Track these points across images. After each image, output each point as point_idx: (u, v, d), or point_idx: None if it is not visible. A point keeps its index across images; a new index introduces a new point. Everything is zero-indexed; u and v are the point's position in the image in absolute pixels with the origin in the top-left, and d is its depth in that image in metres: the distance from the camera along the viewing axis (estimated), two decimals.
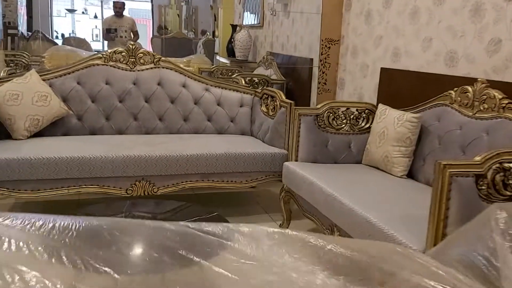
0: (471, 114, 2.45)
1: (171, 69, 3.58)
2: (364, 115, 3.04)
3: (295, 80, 4.87)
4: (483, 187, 1.75)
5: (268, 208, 3.41)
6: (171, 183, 2.97)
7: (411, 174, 2.67)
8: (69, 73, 3.36)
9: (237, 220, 3.12)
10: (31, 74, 3.21)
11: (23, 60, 5.29)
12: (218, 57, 7.57)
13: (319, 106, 3.01)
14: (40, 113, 3.08)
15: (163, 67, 3.57)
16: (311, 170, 2.68)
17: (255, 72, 5.69)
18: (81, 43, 7.12)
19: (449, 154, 2.45)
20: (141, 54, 3.53)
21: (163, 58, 3.58)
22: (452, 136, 2.50)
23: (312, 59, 4.57)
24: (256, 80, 4.81)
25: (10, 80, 3.13)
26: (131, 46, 3.51)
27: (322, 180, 2.50)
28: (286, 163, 2.92)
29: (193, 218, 2.17)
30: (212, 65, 6.34)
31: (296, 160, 2.94)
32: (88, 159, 2.77)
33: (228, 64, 6.54)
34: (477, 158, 1.77)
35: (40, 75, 3.26)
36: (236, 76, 4.58)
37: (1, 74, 3.67)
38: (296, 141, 2.94)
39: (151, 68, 3.54)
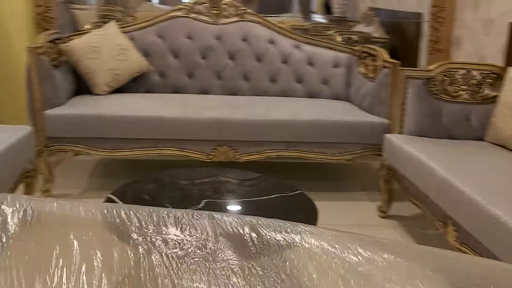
0: None
1: (257, 23, 3.20)
2: (489, 80, 2.47)
3: (400, 39, 4.28)
4: None
5: (365, 185, 2.98)
6: (254, 150, 2.66)
7: None
8: (149, 26, 3.12)
9: (326, 198, 2.76)
10: (110, 25, 3.01)
11: (116, 16, 5.21)
12: (314, 15, 7.06)
13: (431, 67, 2.49)
14: (120, 68, 2.88)
15: (248, 21, 3.20)
16: (420, 146, 2.21)
17: (353, 30, 5.15)
18: (177, 3, 6.93)
19: None
20: (225, 6, 3.18)
21: (248, 11, 3.21)
22: None
23: (421, 14, 3.95)
24: (355, 38, 4.29)
25: (89, 32, 2.95)
26: None
27: (435, 160, 2.03)
28: (388, 135, 2.46)
29: (271, 196, 1.84)
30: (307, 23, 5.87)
31: (401, 133, 2.48)
32: (167, 119, 2.54)
33: (324, 22, 6.03)
34: None
35: (120, 27, 3.05)
36: (331, 33, 4.10)
37: (87, 26, 3.51)
38: (401, 109, 2.47)
39: (236, 21, 3.19)
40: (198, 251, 0.83)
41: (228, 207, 1.72)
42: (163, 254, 0.81)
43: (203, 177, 1.98)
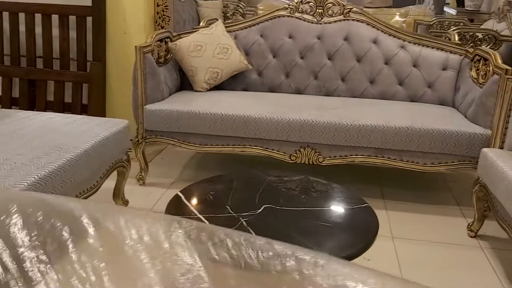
0: None
1: (362, 22, 3.10)
2: None
3: None
4: None
5: (462, 200, 2.72)
6: (338, 154, 2.60)
7: None
8: (254, 25, 3.21)
9: (412, 209, 2.60)
10: (216, 25, 3.17)
11: (239, 10, 5.46)
12: (446, 8, 6.55)
13: None
14: (220, 66, 3.02)
15: (353, 19, 3.11)
16: None
17: (484, 26, 4.67)
18: None
19: None
20: (330, 4, 3.13)
21: (354, 9, 3.12)
22: None
23: None
24: (480, 36, 3.91)
25: (197, 30, 3.14)
26: None
27: None
28: (484, 149, 2.22)
29: (333, 207, 1.80)
30: (437, 17, 5.47)
31: (502, 148, 2.23)
32: (252, 119, 2.61)
33: (453, 16, 5.57)
34: None
35: (226, 26, 3.19)
36: (453, 30, 3.78)
37: (202, 24, 3.73)
38: (504, 121, 2.21)
39: (340, 20, 3.12)
40: None
41: (285, 215, 1.72)
42: None
43: (272, 181, 2.01)
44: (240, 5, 5.49)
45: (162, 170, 3.03)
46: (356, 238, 1.63)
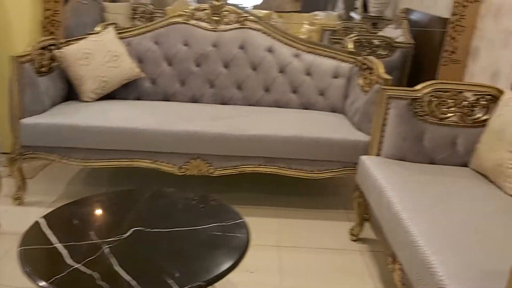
0: None
1: (258, 30, 3.10)
2: (483, 102, 2.23)
3: (425, 45, 4.00)
4: None
5: (348, 203, 2.79)
6: (229, 165, 2.58)
7: None
8: (148, 32, 3.11)
9: (302, 215, 2.64)
10: (108, 31, 3.04)
11: (146, 13, 5.32)
12: (352, 14, 6.78)
13: (418, 87, 2.28)
14: (109, 75, 2.90)
15: (249, 28, 3.11)
16: (389, 174, 2.04)
17: (382, 33, 4.87)
18: None
19: None
20: (226, 12, 3.11)
21: (250, 18, 3.11)
22: None
23: (447, 19, 3.67)
24: (376, 43, 4.07)
25: (86, 37, 3.00)
26: (215, 3, 3.11)
27: (396, 191, 1.86)
28: (362, 157, 2.29)
29: (207, 225, 1.75)
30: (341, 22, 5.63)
31: (378, 155, 2.30)
32: (139, 131, 2.51)
33: (357, 22, 5.77)
34: None
35: (118, 33, 3.07)
36: (350, 38, 3.91)
37: (98, 29, 3.56)
38: (380, 130, 2.29)
39: (236, 28, 3.11)
40: None
41: (154, 238, 1.65)
42: None
43: (147, 199, 1.93)
44: (148, 8, 5.36)
45: (44, 187, 2.84)
46: (224, 257, 1.59)
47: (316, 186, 2.99)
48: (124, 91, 2.99)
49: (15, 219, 2.45)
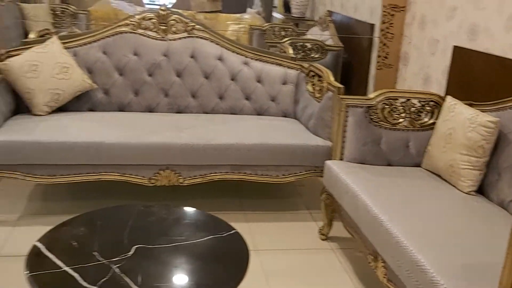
0: None
1: (206, 39, 3.17)
2: (428, 108, 2.53)
3: (353, 48, 4.32)
4: None
5: (310, 204, 3.00)
6: (198, 174, 2.64)
7: (481, 190, 2.18)
8: (94, 41, 3.04)
9: (270, 218, 2.79)
10: (52, 42, 2.91)
11: (68, 11, 5.10)
12: (275, 13, 7.00)
13: (372, 95, 2.52)
14: (61, 87, 2.80)
15: (197, 37, 3.16)
16: (357, 177, 2.25)
17: (309, 33, 5.14)
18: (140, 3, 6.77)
19: None
20: (173, 21, 3.13)
21: (197, 26, 3.16)
22: None
23: (373, 25, 4.00)
24: (309, 46, 4.31)
25: (29, 48, 2.85)
26: (162, 12, 3.11)
27: (369, 194, 2.07)
28: (328, 162, 2.49)
29: (204, 238, 1.83)
30: (266, 22, 5.82)
31: (341, 159, 2.51)
32: (106, 145, 2.49)
33: (281, 22, 6.00)
34: None
35: (63, 43, 2.96)
36: (285, 41, 4.09)
37: (32, 36, 3.37)
38: (342, 136, 2.50)
39: (184, 37, 3.14)
40: None
41: (158, 254, 1.70)
42: None
43: (137, 215, 1.95)
44: (70, 8, 5.14)
45: (4, 205, 2.71)
46: (231, 269, 1.69)
47: (275, 187, 3.15)
48: (76, 103, 2.91)
49: None
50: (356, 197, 2.10)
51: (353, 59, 4.34)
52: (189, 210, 2.03)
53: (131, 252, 1.67)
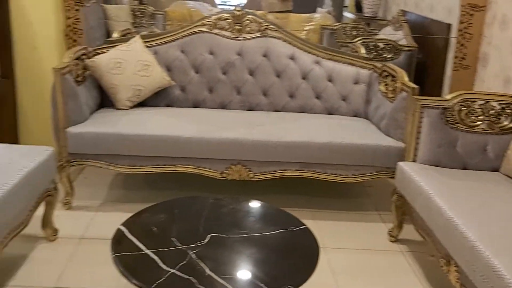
0: None
1: (278, 39, 3.22)
2: (508, 111, 2.43)
3: (428, 49, 4.20)
4: None
5: (379, 205, 2.97)
6: (268, 170, 2.70)
7: None
8: (173, 40, 3.18)
9: (338, 217, 2.79)
10: (135, 41, 3.09)
11: (146, 12, 5.35)
12: (345, 13, 6.94)
13: (449, 97, 2.46)
14: (142, 83, 2.97)
15: (270, 36, 3.22)
16: (431, 180, 2.21)
17: (382, 33, 5.05)
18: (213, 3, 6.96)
19: None
20: (247, 21, 3.21)
21: (270, 26, 3.22)
22: None
23: (450, 25, 3.87)
24: (381, 46, 4.24)
25: (114, 46, 3.04)
26: (237, 12, 3.20)
27: (443, 197, 2.03)
28: (400, 163, 2.46)
29: (275, 231, 1.88)
30: (337, 22, 5.78)
31: (414, 161, 2.47)
32: (183, 139, 2.62)
33: (353, 22, 5.93)
34: None
35: (145, 42, 3.13)
36: (357, 41, 4.06)
37: (115, 35, 3.59)
38: (416, 137, 2.46)
39: (258, 37, 3.22)
40: None
41: (231, 244, 1.77)
42: None
43: (212, 206, 2.04)
44: (148, 9, 5.39)
45: (88, 192, 2.91)
46: (301, 262, 1.72)
47: (343, 186, 3.14)
48: (155, 99, 3.07)
49: (68, 223, 2.53)
50: (430, 199, 2.06)
51: (428, 59, 4.22)
52: (260, 204, 2.09)
53: (206, 240, 1.76)
